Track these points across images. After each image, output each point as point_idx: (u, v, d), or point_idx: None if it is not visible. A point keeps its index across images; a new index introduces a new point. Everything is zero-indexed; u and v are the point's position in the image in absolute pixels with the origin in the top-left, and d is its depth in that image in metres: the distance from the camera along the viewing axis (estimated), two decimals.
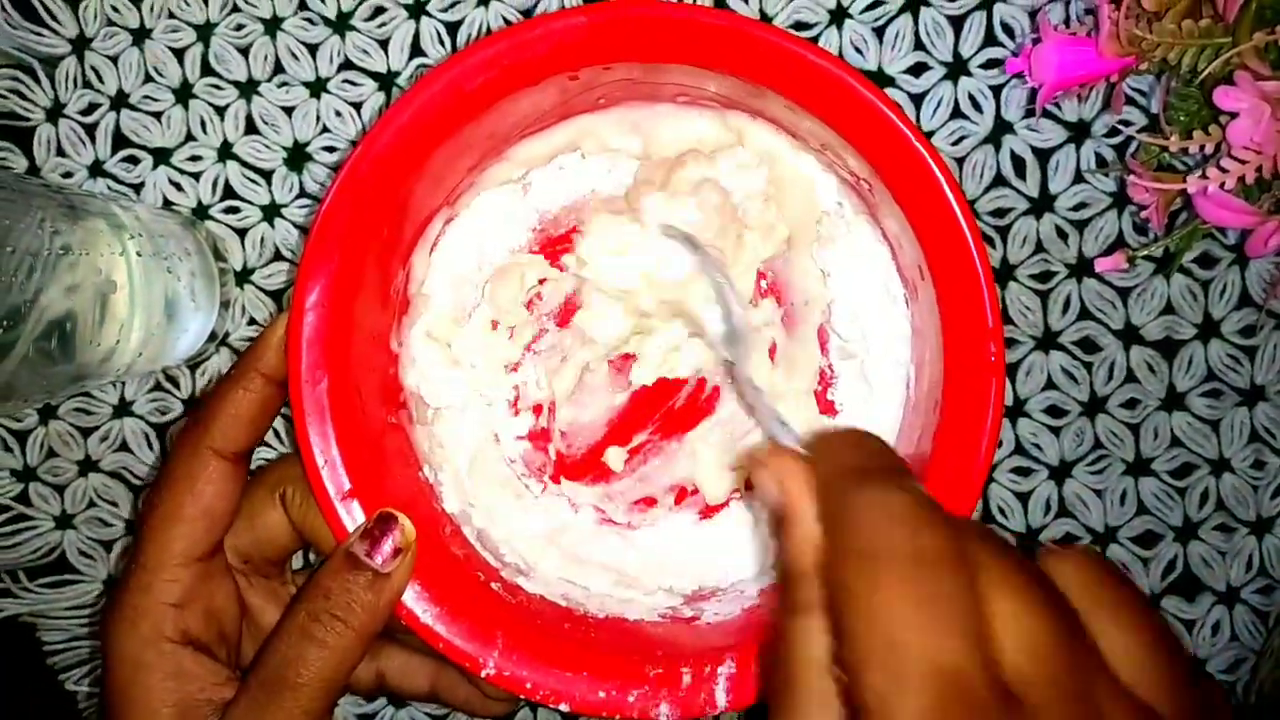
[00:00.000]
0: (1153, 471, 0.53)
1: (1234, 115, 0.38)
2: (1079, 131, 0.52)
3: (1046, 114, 0.51)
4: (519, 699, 0.42)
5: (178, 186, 0.53)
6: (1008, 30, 0.51)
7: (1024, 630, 0.24)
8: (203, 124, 0.53)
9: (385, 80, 0.53)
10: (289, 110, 0.53)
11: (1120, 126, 0.50)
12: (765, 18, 0.52)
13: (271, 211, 0.54)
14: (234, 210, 0.54)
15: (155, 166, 0.53)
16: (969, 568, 0.25)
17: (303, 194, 0.54)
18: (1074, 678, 0.24)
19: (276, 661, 0.39)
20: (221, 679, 0.41)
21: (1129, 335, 0.53)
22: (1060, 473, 0.53)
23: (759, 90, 0.43)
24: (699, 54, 0.42)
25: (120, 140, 0.53)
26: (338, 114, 0.53)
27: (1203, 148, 0.40)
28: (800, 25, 0.52)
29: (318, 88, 0.53)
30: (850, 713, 0.25)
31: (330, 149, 0.53)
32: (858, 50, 0.52)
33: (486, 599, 0.44)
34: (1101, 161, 0.52)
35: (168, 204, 0.53)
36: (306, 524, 0.44)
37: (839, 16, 0.52)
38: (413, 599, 0.42)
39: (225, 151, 0.53)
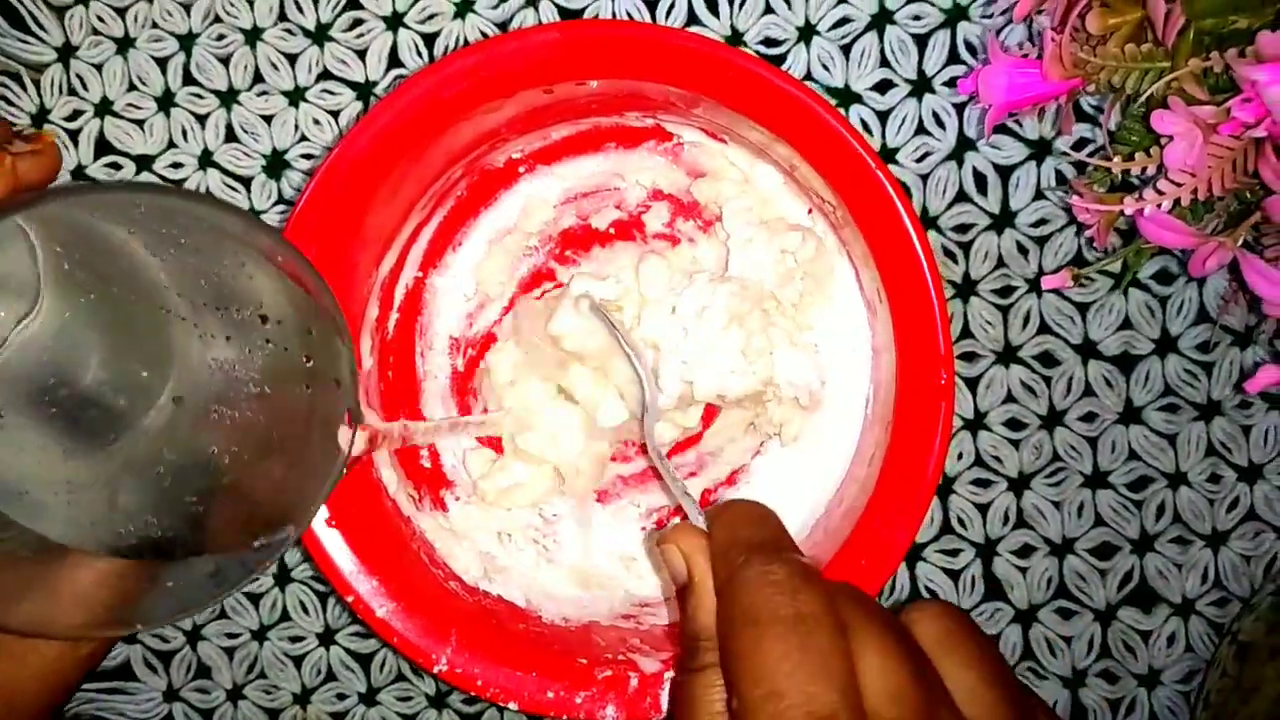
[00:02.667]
0: (1110, 484, 0.54)
1: (1171, 138, 0.39)
2: (1040, 149, 0.53)
3: (1009, 131, 0.52)
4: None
5: None
6: (970, 49, 0.52)
7: (885, 679, 0.28)
8: (184, 132, 0.54)
9: (363, 90, 0.54)
10: (268, 119, 0.55)
11: (1069, 151, 0.51)
12: (736, 34, 0.53)
13: None
14: None
15: (138, 173, 0.55)
16: (840, 626, 0.29)
17: (281, 200, 0.55)
18: (923, 716, 0.28)
19: None
20: None
21: (1087, 350, 0.54)
22: (1019, 484, 0.54)
23: (730, 112, 0.44)
24: (668, 73, 0.43)
25: (104, 146, 0.55)
26: (316, 122, 0.54)
27: (1145, 169, 0.41)
28: (769, 41, 0.53)
29: (296, 97, 0.54)
30: None
31: (308, 156, 0.55)
32: (825, 67, 0.53)
33: (443, 597, 0.45)
34: (1062, 179, 0.53)
35: None
36: None
37: (807, 34, 0.53)
38: (369, 594, 0.43)
39: (206, 159, 0.55)
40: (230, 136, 0.55)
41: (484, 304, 0.53)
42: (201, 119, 0.55)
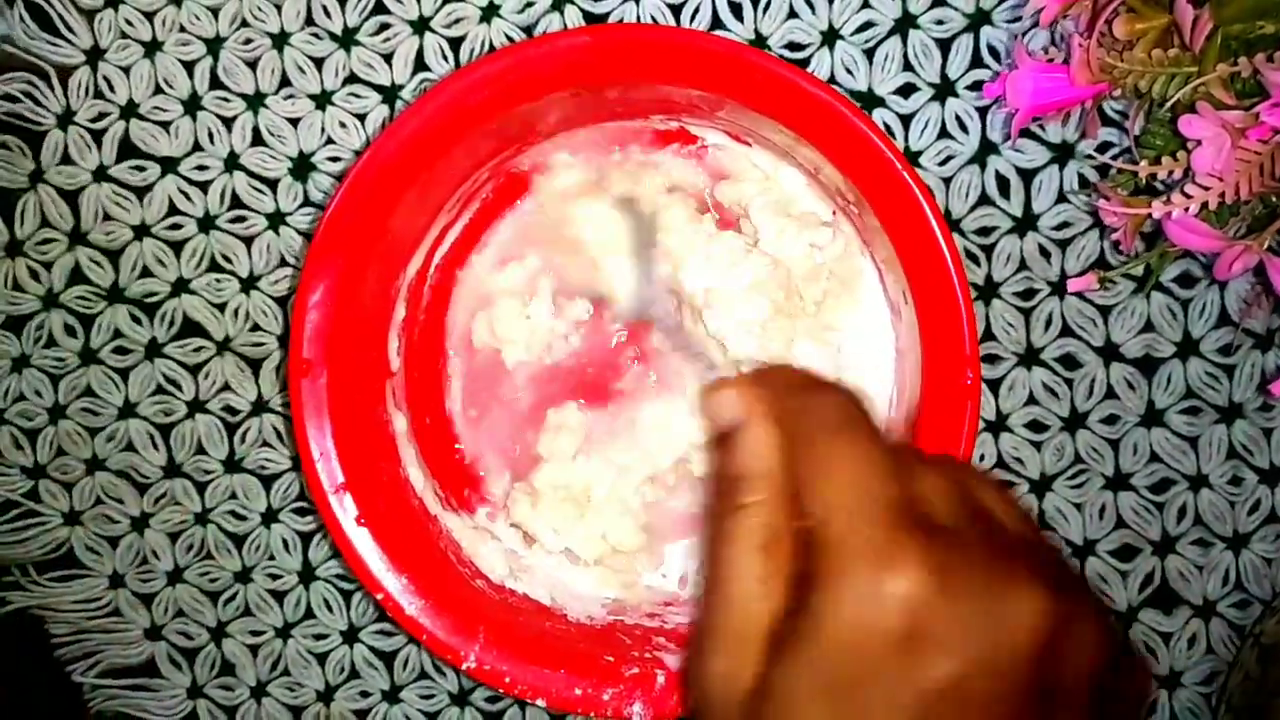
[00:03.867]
0: (1132, 486, 0.54)
1: (1199, 143, 0.39)
2: (1062, 152, 0.53)
3: (1031, 135, 0.53)
4: None
5: (186, 195, 0.55)
6: (994, 53, 0.53)
7: (939, 482, 0.32)
8: (210, 135, 0.55)
9: (389, 93, 0.55)
10: (295, 122, 0.55)
11: (1094, 154, 0.51)
12: (760, 37, 0.53)
13: (277, 219, 0.55)
14: (240, 219, 0.55)
15: (163, 175, 0.55)
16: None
17: (307, 203, 0.55)
18: (970, 509, 0.32)
19: None
20: None
21: (1109, 352, 0.54)
22: (1041, 486, 0.55)
23: (755, 114, 0.45)
24: (698, 77, 0.44)
25: (129, 148, 0.55)
26: (342, 125, 0.55)
27: (1170, 173, 0.42)
28: (794, 45, 0.53)
29: (323, 100, 0.55)
30: (801, 568, 0.31)
31: (335, 159, 0.55)
32: (849, 71, 0.53)
33: (470, 595, 0.46)
34: (1084, 182, 0.53)
35: (175, 211, 0.55)
36: None
37: (831, 38, 0.53)
38: (398, 592, 0.44)
39: (232, 161, 0.55)
40: (257, 139, 0.55)
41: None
42: (228, 122, 0.55)
